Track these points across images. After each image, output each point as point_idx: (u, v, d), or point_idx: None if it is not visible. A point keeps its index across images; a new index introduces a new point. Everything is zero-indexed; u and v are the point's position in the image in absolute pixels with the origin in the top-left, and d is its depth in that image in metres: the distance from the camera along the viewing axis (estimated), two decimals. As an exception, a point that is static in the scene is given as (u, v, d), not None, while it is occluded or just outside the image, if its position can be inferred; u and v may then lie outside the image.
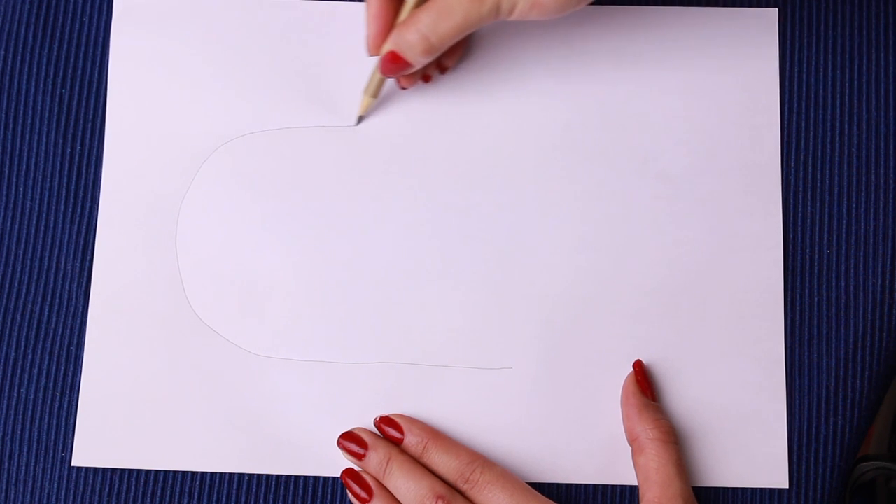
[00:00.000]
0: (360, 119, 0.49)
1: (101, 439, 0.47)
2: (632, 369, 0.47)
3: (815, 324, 0.48)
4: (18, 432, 0.48)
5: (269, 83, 0.51)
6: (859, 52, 0.50)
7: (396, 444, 0.46)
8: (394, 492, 0.45)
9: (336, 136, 0.50)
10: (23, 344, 0.49)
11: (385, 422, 0.46)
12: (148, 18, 0.51)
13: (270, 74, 0.51)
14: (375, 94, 0.49)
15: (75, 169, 0.50)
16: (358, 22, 0.51)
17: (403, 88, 0.49)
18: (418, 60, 0.45)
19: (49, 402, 0.48)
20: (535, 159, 0.49)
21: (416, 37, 0.44)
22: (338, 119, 0.50)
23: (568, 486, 0.47)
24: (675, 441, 0.45)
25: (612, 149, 0.49)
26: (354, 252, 0.49)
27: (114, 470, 0.47)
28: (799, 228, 0.49)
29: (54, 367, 0.48)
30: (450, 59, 0.49)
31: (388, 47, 0.45)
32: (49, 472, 0.47)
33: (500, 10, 0.44)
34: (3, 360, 0.48)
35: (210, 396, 0.48)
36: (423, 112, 0.50)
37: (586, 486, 0.47)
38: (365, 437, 0.46)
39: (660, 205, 0.49)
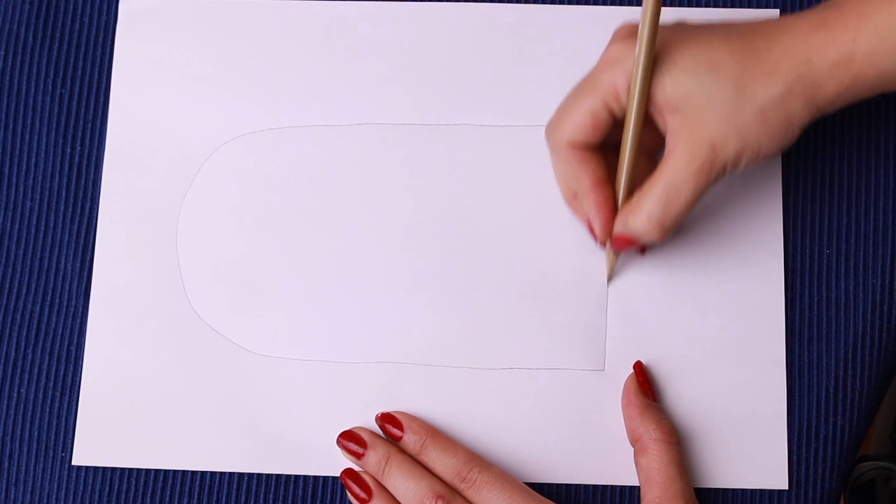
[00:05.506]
0: (611, 279, 0.48)
1: (101, 439, 0.47)
2: (632, 370, 0.47)
3: (815, 324, 0.48)
4: (18, 432, 0.48)
5: (269, 83, 0.51)
6: (859, 52, 0.50)
7: (396, 442, 0.46)
8: (393, 491, 0.45)
9: (336, 136, 0.50)
10: (23, 344, 0.49)
11: (385, 419, 0.46)
12: (151, 20, 0.51)
13: (270, 74, 0.51)
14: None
15: (75, 169, 0.50)
16: (358, 22, 0.51)
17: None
18: (652, 241, 0.44)
19: (49, 402, 0.48)
20: (536, 159, 0.49)
21: (648, 223, 0.42)
22: (338, 118, 0.50)
23: (568, 486, 0.47)
24: (677, 442, 0.45)
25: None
26: (355, 251, 0.49)
27: (114, 470, 0.47)
28: (799, 228, 0.49)
29: (54, 367, 0.48)
30: None
31: (619, 232, 0.44)
32: (49, 472, 0.47)
33: (727, 171, 0.42)
34: (3, 360, 0.48)
35: (210, 396, 0.48)
36: (424, 111, 0.50)
37: (586, 486, 0.47)
38: (364, 436, 0.46)
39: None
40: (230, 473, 0.47)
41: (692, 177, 0.41)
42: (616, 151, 0.44)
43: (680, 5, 0.51)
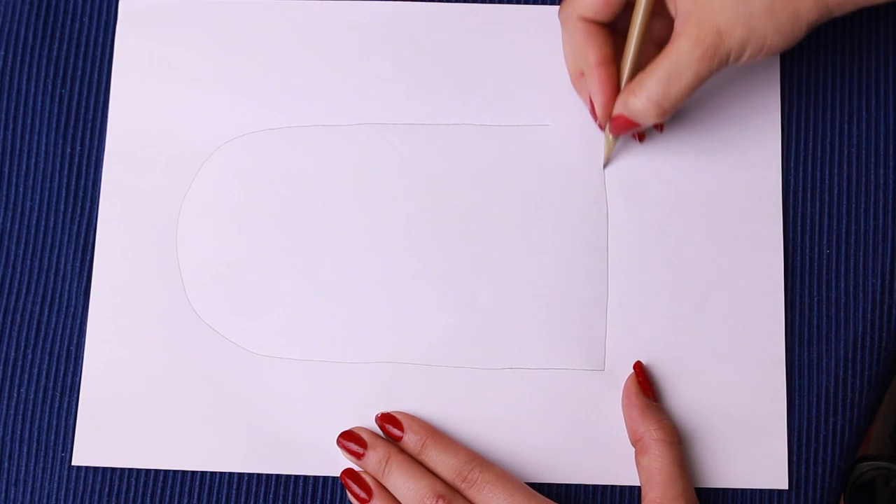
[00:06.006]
0: (606, 164, 0.49)
1: (101, 439, 0.47)
2: (632, 370, 0.47)
3: (815, 324, 0.48)
4: (18, 432, 0.48)
5: (269, 83, 0.51)
6: (859, 52, 0.50)
7: (396, 442, 0.46)
8: (393, 491, 0.45)
9: (336, 136, 0.50)
10: (23, 344, 0.49)
11: (385, 419, 0.46)
12: (151, 20, 0.51)
13: (270, 74, 0.51)
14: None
15: (75, 169, 0.50)
16: (357, 21, 0.51)
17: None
18: (651, 124, 0.45)
19: (49, 402, 0.48)
20: (536, 159, 0.49)
21: (647, 103, 0.43)
22: (338, 118, 0.50)
23: (568, 486, 0.47)
24: (678, 442, 0.45)
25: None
26: (355, 251, 0.49)
27: (114, 470, 0.47)
28: (799, 228, 0.49)
29: (54, 367, 0.48)
30: None
31: (618, 112, 0.45)
32: (49, 472, 0.47)
33: (730, 60, 0.43)
34: (3, 360, 0.48)
35: (210, 396, 0.48)
36: (424, 111, 0.50)
37: (586, 486, 0.47)
38: (364, 436, 0.46)
39: (660, 205, 0.49)
40: (230, 473, 0.47)
41: (695, 60, 0.42)
42: (626, 36, 0.45)
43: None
